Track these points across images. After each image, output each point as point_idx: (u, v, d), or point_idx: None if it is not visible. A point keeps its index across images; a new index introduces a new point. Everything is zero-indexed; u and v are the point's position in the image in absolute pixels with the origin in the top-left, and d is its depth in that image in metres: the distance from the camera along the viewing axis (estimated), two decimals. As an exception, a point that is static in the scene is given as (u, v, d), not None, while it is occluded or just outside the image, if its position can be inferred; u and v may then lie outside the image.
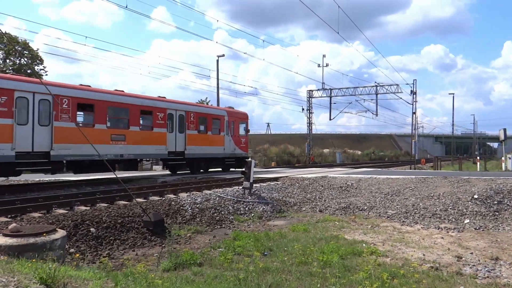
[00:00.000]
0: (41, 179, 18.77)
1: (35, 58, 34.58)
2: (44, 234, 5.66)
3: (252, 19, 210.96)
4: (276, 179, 17.73)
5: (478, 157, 38.04)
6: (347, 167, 34.75)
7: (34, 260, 4.99)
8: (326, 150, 69.76)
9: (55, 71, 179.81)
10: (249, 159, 14.90)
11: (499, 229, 9.69)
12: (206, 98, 45.62)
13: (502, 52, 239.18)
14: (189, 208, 10.95)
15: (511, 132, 44.48)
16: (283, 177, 18.16)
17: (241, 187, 14.01)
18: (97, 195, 11.82)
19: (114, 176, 9.46)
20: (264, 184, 16.13)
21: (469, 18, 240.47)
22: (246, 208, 12.20)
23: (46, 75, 35.52)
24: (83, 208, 9.93)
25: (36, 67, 34.28)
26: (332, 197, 14.25)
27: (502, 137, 33.53)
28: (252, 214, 11.77)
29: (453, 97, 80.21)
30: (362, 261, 6.80)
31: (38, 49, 35.32)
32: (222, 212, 11.36)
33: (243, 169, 13.97)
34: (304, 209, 13.18)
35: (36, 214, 8.98)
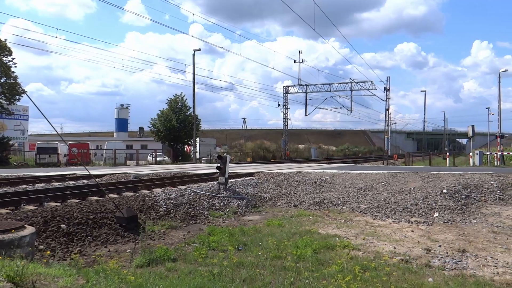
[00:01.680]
0: (9, 174, 18.18)
1: (3, 49, 33.32)
2: (12, 231, 5.50)
3: (229, 13, 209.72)
4: (251, 174, 17.77)
5: (447, 153, 39.18)
6: (321, 162, 35.14)
7: (1, 257, 4.84)
8: (301, 146, 70.39)
9: (24, 63, 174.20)
10: (225, 154, 14.80)
11: (466, 223, 10.02)
12: (182, 92, 45.09)
13: (471, 51, 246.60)
14: (163, 204, 10.84)
15: (479, 129, 46.11)
16: (259, 172, 18.22)
17: (216, 183, 13.97)
18: (68, 190, 11.55)
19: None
20: (239, 179, 16.14)
21: (441, 17, 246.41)
22: (221, 204, 12.17)
23: (15, 67, 34.35)
24: (53, 204, 9.69)
25: (4, 59, 33.05)
26: (307, 192, 14.39)
27: (470, 133, 34.75)
28: (227, 209, 11.75)
29: (425, 94, 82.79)
30: (335, 254, 6.91)
31: (6, 39, 34.05)
32: (197, 208, 11.30)
33: (218, 165, 13.89)
34: (279, 204, 13.27)
35: (3, 210, 8.72)
